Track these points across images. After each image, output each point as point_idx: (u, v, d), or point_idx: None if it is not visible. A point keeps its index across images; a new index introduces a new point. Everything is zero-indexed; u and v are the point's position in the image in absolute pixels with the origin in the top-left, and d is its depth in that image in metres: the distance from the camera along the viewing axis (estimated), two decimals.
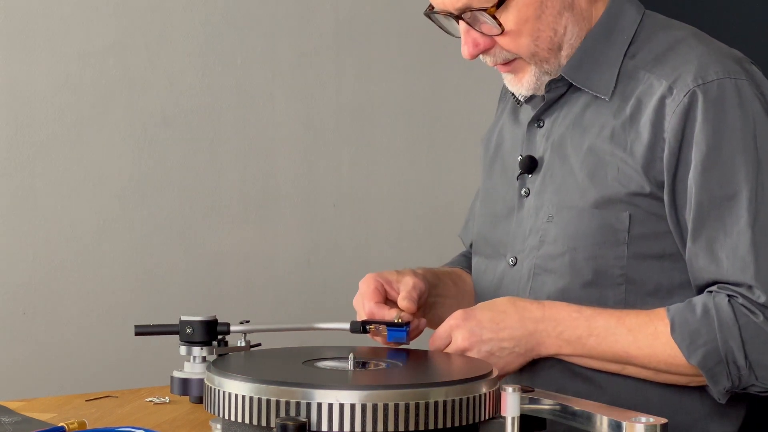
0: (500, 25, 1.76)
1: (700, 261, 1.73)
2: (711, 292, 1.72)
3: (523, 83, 1.84)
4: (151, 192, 3.11)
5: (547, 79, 1.83)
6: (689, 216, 1.73)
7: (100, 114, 3.04)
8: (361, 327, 1.74)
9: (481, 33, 1.79)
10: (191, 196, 3.16)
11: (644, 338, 1.72)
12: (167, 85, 3.12)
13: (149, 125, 3.10)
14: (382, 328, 1.73)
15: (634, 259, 1.77)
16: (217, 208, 3.20)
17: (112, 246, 3.06)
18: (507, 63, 1.83)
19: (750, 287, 1.69)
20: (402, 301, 1.82)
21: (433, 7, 1.84)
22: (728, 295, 1.70)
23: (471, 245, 2.09)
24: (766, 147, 1.72)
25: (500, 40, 1.79)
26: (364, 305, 1.83)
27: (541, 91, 1.86)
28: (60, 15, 2.99)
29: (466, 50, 1.82)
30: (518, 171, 1.89)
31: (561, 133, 1.84)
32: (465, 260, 2.13)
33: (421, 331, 1.84)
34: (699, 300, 1.71)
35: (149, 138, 3.10)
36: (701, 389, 1.77)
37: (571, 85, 1.84)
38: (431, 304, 1.95)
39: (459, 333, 1.75)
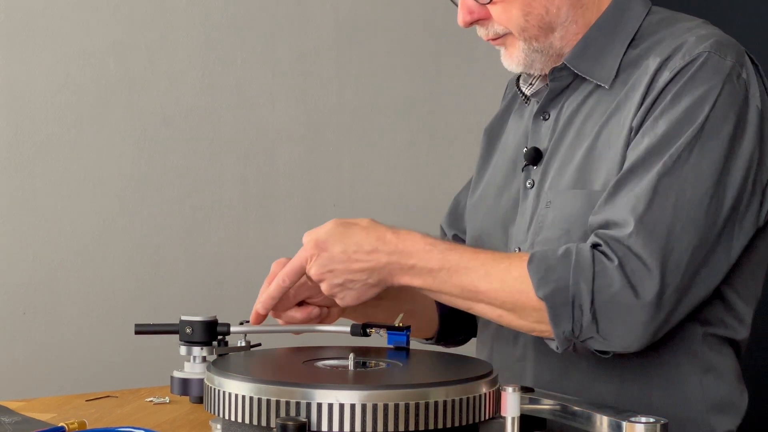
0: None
1: (601, 201, 1.72)
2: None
3: (513, 58, 1.85)
4: (151, 192, 3.11)
5: (537, 57, 1.85)
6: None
7: (100, 114, 3.04)
8: (361, 330, 1.73)
9: (476, 1, 1.82)
10: (191, 196, 3.16)
11: (497, 273, 1.70)
12: (167, 85, 3.12)
13: (149, 125, 3.10)
14: (383, 331, 1.73)
15: None
16: (217, 208, 3.20)
17: (112, 246, 3.06)
18: (498, 37, 1.85)
19: (628, 223, 1.66)
20: (258, 304, 1.82)
21: None
22: (593, 245, 1.68)
23: (453, 236, 2.10)
24: (714, 121, 1.71)
25: (492, 9, 1.81)
26: (265, 289, 1.82)
27: (533, 70, 1.87)
28: (60, 15, 2.99)
29: (460, 17, 1.84)
30: (523, 164, 1.90)
31: (564, 123, 1.86)
32: None
33: (310, 321, 1.84)
34: (564, 245, 1.70)
35: (149, 138, 3.10)
36: (702, 384, 1.76)
37: (576, 76, 1.86)
38: (383, 303, 1.92)
39: (312, 265, 1.76)
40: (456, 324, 2.06)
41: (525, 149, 1.90)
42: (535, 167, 1.88)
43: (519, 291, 1.68)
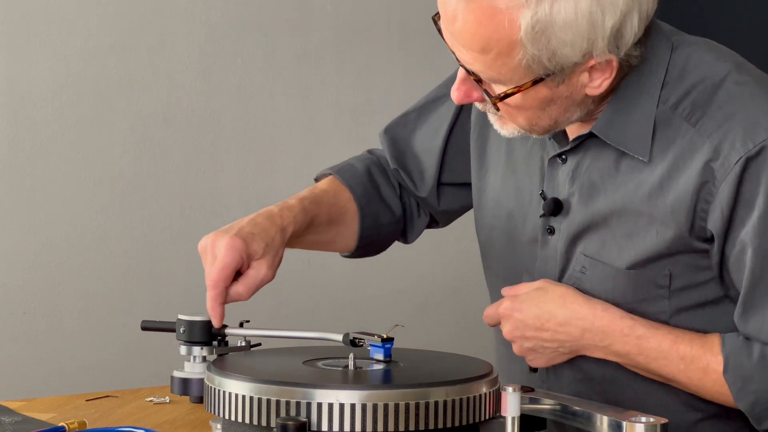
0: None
1: (750, 325, 1.67)
2: None
3: (504, 129, 1.72)
4: (151, 192, 3.11)
5: (531, 135, 1.72)
6: (739, 276, 1.67)
7: (100, 114, 3.04)
8: (350, 342, 1.71)
9: (485, 95, 1.65)
10: (191, 196, 3.16)
11: (695, 371, 1.68)
12: (167, 85, 3.12)
13: (149, 125, 3.10)
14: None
15: (676, 312, 1.72)
16: (217, 208, 3.20)
17: (112, 246, 3.06)
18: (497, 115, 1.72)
19: None
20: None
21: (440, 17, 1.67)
22: None
23: (394, 170, 2.02)
24: None
25: (499, 105, 1.67)
26: (212, 274, 1.82)
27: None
28: (60, 15, 2.99)
29: (456, 95, 1.67)
30: (536, 202, 1.80)
31: (591, 181, 1.74)
32: (362, 173, 2.03)
33: (262, 283, 1.82)
34: (758, 343, 1.66)
35: (149, 138, 3.10)
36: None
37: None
38: (306, 236, 1.94)
39: (505, 323, 1.74)
40: (374, 246, 2.06)
41: (542, 195, 1.78)
42: (554, 217, 1.78)
43: (718, 393, 1.68)
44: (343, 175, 2.02)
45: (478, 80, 1.63)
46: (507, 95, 1.62)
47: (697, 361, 1.68)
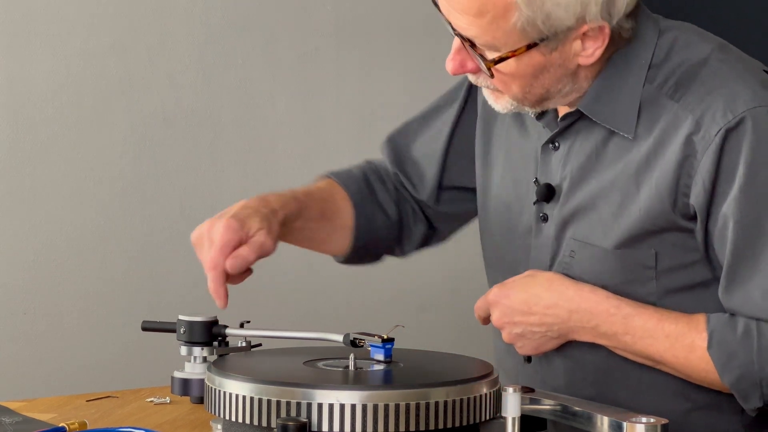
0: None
1: (734, 299, 1.67)
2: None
3: (498, 103, 1.75)
4: (151, 192, 3.11)
5: (529, 110, 1.75)
6: (722, 250, 1.67)
7: (100, 114, 3.04)
8: (350, 342, 1.71)
9: (481, 64, 1.68)
10: (191, 196, 3.16)
11: (681, 348, 1.68)
12: (167, 85, 3.12)
13: (149, 125, 3.10)
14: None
15: (665, 294, 1.73)
16: (217, 208, 3.19)
17: (112, 246, 3.06)
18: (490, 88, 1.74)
19: None
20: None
21: None
22: None
23: (394, 174, 2.04)
24: None
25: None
26: (211, 254, 1.83)
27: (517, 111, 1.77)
28: (60, 15, 2.99)
29: (450, 66, 1.71)
30: (532, 191, 1.82)
31: (581, 164, 1.76)
32: (358, 176, 2.05)
33: (263, 247, 1.82)
34: (742, 319, 1.66)
35: (149, 138, 3.10)
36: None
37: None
38: (299, 229, 1.92)
39: (494, 311, 1.76)
40: (368, 251, 2.06)
41: (535, 183, 1.81)
42: (547, 203, 1.80)
43: (704, 370, 1.68)
44: (339, 176, 2.06)
45: (473, 45, 1.65)
46: (501, 59, 1.64)
47: (682, 338, 1.69)
